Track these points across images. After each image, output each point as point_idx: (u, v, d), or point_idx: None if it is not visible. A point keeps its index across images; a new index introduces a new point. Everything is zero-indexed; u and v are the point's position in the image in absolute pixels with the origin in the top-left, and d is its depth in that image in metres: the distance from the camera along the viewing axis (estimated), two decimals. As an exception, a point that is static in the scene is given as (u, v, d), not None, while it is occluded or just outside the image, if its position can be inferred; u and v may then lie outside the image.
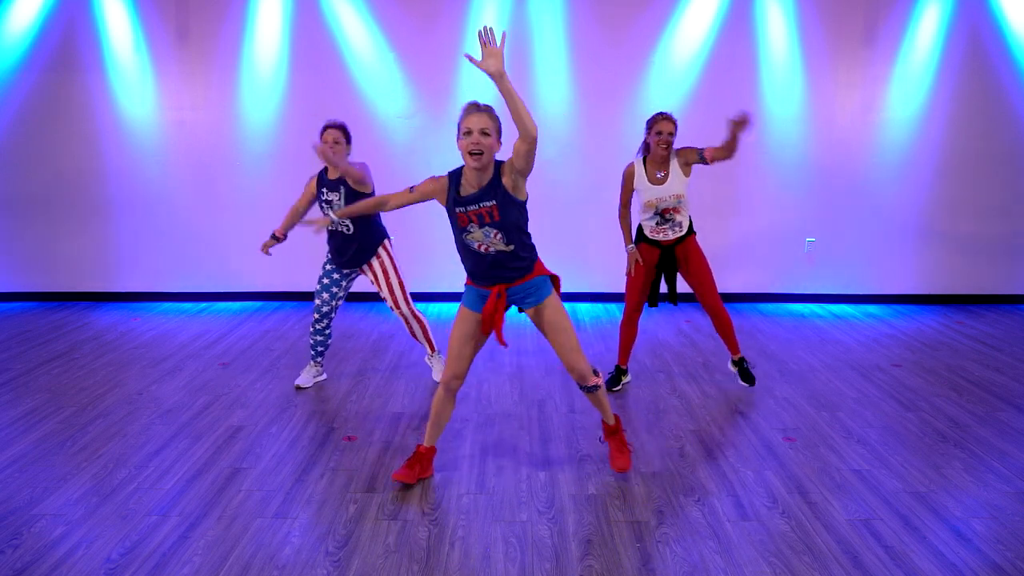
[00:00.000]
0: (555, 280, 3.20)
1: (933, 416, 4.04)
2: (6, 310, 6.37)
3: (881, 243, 6.56)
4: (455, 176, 3.03)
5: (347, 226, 4.21)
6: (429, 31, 6.23)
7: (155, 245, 6.58)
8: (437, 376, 4.51)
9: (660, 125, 4.13)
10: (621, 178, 4.29)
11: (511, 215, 2.96)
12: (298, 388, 4.41)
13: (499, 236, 2.98)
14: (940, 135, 6.39)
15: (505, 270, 3.05)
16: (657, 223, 4.23)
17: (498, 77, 2.71)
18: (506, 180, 2.94)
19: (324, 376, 4.59)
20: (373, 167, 6.25)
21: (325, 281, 4.35)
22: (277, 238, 4.38)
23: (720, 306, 4.29)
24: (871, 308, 6.51)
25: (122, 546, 2.75)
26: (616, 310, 6.34)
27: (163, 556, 2.69)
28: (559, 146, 6.38)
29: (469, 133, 2.87)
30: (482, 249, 3.01)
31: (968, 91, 6.30)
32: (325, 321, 4.40)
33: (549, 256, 7.02)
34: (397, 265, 4.37)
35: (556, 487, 3.23)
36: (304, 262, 6.61)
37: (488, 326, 3.11)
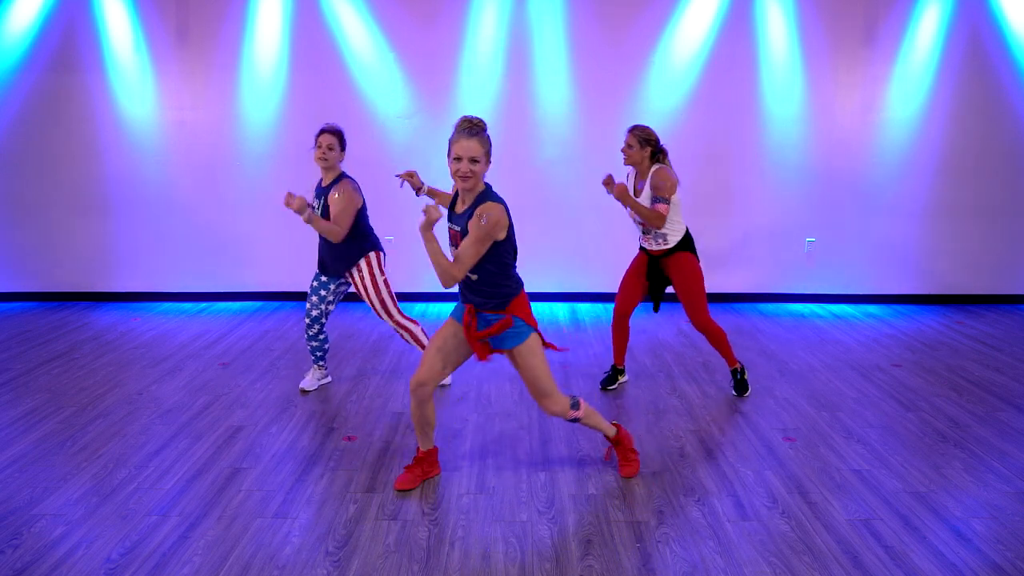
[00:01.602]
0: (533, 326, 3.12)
1: (933, 416, 4.04)
2: (6, 310, 6.37)
3: (881, 243, 6.56)
4: (456, 193, 3.09)
5: (341, 238, 4.16)
6: (429, 31, 6.23)
7: (155, 245, 6.58)
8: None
9: (626, 137, 4.08)
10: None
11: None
12: (303, 392, 4.40)
13: None
14: (940, 135, 6.39)
15: (472, 294, 3.05)
16: (642, 231, 4.19)
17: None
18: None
19: (329, 379, 4.57)
20: (373, 167, 6.28)
21: (314, 284, 4.32)
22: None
23: (708, 324, 4.16)
24: (871, 308, 6.51)
25: (122, 546, 2.75)
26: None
27: (163, 556, 2.69)
28: (559, 146, 6.38)
29: (459, 160, 2.87)
30: None
31: (968, 91, 6.30)
32: (316, 327, 4.33)
33: (550, 256, 7.03)
34: (379, 278, 4.26)
35: (556, 487, 3.23)
36: (304, 262, 6.61)
37: (469, 341, 3.09)
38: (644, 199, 4.07)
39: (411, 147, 6.39)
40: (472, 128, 2.87)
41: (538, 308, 6.43)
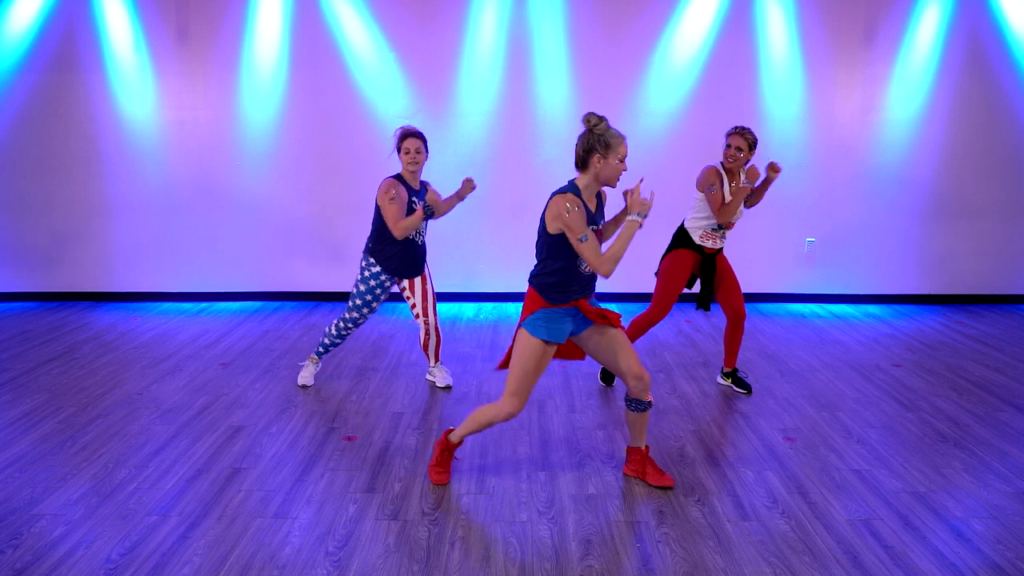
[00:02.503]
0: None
1: (933, 416, 4.04)
2: (6, 310, 6.37)
3: (881, 243, 6.56)
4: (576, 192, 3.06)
5: (420, 235, 4.20)
6: (429, 31, 6.23)
7: (155, 245, 6.58)
8: (441, 383, 4.46)
9: (731, 139, 4.08)
10: (711, 177, 4.08)
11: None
12: (303, 387, 4.40)
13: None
14: (940, 135, 6.39)
15: (591, 287, 3.16)
16: (714, 229, 4.18)
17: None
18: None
19: (320, 367, 4.61)
20: (373, 168, 6.28)
21: (377, 291, 4.22)
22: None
23: (744, 311, 4.28)
24: (871, 308, 6.51)
25: (122, 546, 2.75)
26: (618, 309, 6.34)
27: (163, 556, 2.69)
28: (559, 146, 6.37)
29: (622, 161, 3.08)
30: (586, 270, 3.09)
31: (968, 91, 6.31)
32: (355, 329, 4.39)
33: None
34: (433, 278, 4.41)
35: (556, 487, 3.23)
36: (304, 262, 6.62)
37: (605, 319, 3.12)
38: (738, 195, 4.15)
39: (411, 147, 6.38)
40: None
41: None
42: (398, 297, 6.56)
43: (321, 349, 4.44)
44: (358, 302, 4.25)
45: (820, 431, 3.83)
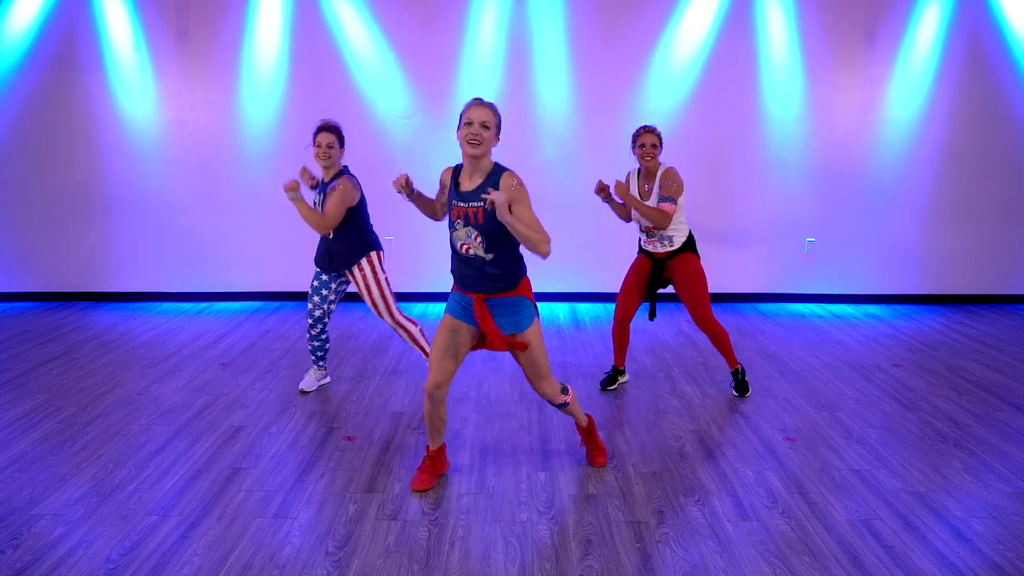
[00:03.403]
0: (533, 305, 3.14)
1: (933, 416, 4.04)
2: (6, 310, 6.37)
3: (881, 243, 6.56)
4: (456, 170, 3.06)
5: (327, 231, 4.15)
6: (429, 31, 6.23)
7: (155, 245, 6.58)
8: None
9: (643, 138, 4.02)
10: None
11: (496, 226, 2.92)
12: (303, 392, 4.39)
13: (479, 240, 2.95)
14: (940, 135, 6.39)
15: (482, 279, 2.99)
16: (647, 234, 4.17)
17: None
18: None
19: (328, 379, 4.56)
20: (373, 168, 6.28)
21: (315, 284, 4.31)
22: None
23: (712, 325, 4.15)
24: (871, 308, 6.51)
25: (122, 546, 2.75)
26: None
27: (163, 556, 2.69)
28: (559, 146, 6.38)
29: (470, 124, 2.89)
30: (463, 249, 2.99)
31: (968, 91, 6.30)
32: (319, 326, 4.32)
33: (550, 256, 7.00)
34: (380, 277, 4.25)
35: (556, 487, 3.23)
36: (304, 262, 6.61)
37: (488, 336, 3.06)
38: (653, 199, 4.05)
39: (411, 147, 6.39)
40: (484, 101, 2.94)
41: (539, 309, 6.43)
42: (398, 297, 6.56)
43: (313, 357, 4.45)
44: (310, 291, 4.33)
45: (820, 431, 3.83)
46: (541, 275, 6.55)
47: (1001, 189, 6.47)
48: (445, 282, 6.48)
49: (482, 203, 2.91)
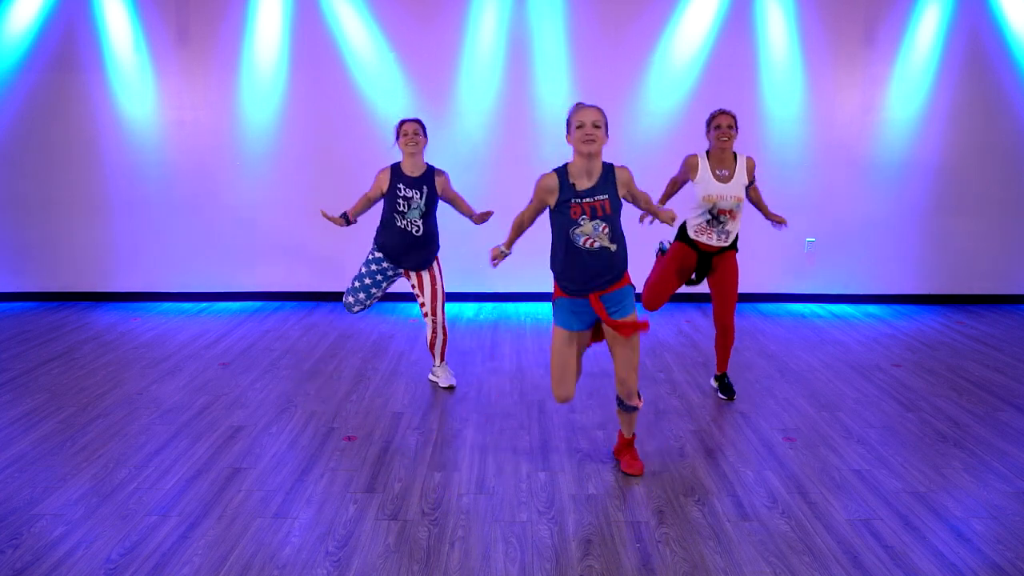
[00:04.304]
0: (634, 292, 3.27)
1: (933, 416, 4.04)
2: (6, 310, 6.37)
3: (881, 243, 6.56)
4: (562, 173, 3.12)
5: (417, 226, 4.18)
6: (429, 31, 6.23)
7: (155, 245, 6.58)
8: (444, 383, 4.46)
9: (719, 119, 4.02)
10: (680, 166, 4.14)
11: (617, 212, 3.10)
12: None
13: (607, 230, 3.06)
14: (940, 135, 6.39)
15: (603, 272, 3.09)
16: (707, 222, 4.08)
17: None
18: (619, 183, 3.12)
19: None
20: (374, 167, 6.25)
21: (367, 281, 4.28)
22: (348, 220, 4.28)
23: (732, 325, 4.20)
24: (871, 308, 6.51)
25: (122, 546, 2.75)
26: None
27: (163, 556, 2.69)
28: (559, 146, 6.35)
29: (582, 126, 3.05)
30: (587, 244, 3.06)
31: (968, 91, 6.30)
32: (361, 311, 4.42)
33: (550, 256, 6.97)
34: (443, 273, 4.41)
35: (556, 487, 3.23)
36: (304, 262, 6.62)
37: (614, 326, 3.13)
38: (738, 183, 4.07)
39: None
40: (586, 103, 3.15)
41: (539, 309, 6.44)
42: (397, 297, 6.56)
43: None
44: (356, 284, 4.30)
45: (820, 431, 3.83)
46: (541, 278, 6.55)
47: (1001, 189, 6.47)
48: (449, 282, 6.47)
49: (607, 195, 3.06)
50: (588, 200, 3.05)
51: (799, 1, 6.19)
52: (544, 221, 3.31)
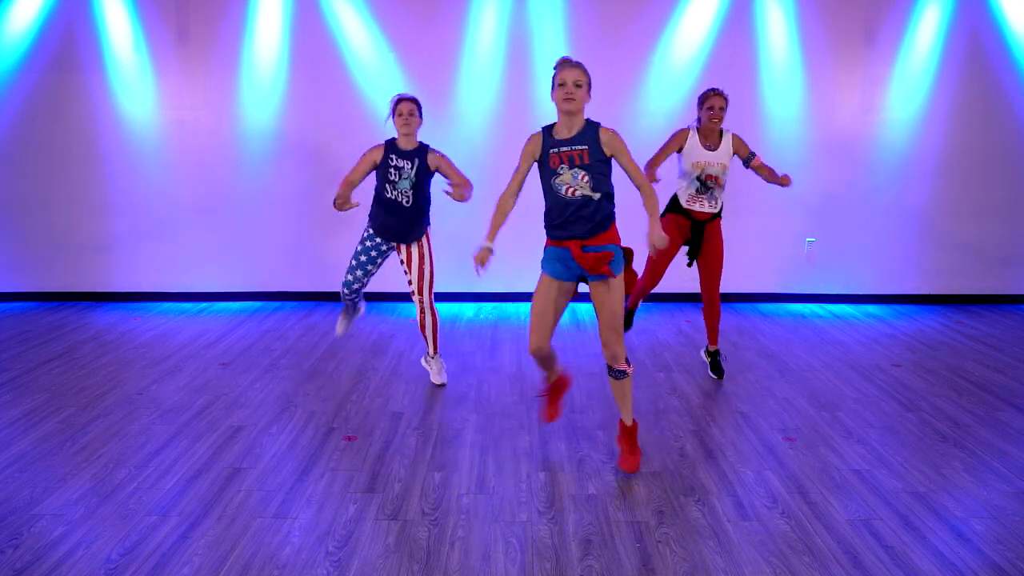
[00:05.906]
0: (628, 254, 3.31)
1: (933, 416, 4.04)
2: (6, 310, 6.37)
3: (881, 243, 6.56)
4: (547, 128, 3.22)
5: (408, 197, 4.17)
6: (429, 31, 6.23)
7: (155, 245, 6.58)
8: (435, 378, 4.48)
9: (712, 100, 4.24)
10: (668, 137, 4.37)
11: (599, 165, 3.14)
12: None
13: (586, 179, 3.11)
14: (940, 135, 6.39)
15: (584, 221, 3.14)
16: (697, 190, 4.33)
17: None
18: (603, 142, 3.15)
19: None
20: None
21: (362, 258, 4.34)
22: (351, 188, 4.23)
23: (718, 295, 4.45)
24: (871, 308, 6.51)
25: (122, 546, 2.75)
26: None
27: (163, 556, 2.69)
28: (559, 146, 6.37)
29: (563, 84, 3.09)
30: (568, 193, 3.13)
31: (968, 91, 6.31)
32: (355, 296, 4.48)
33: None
34: (434, 254, 4.39)
35: (556, 487, 3.23)
36: (304, 262, 6.62)
37: (591, 266, 3.15)
38: (723, 152, 4.31)
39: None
40: (573, 60, 3.15)
41: (538, 308, 6.43)
42: (397, 297, 6.56)
43: (345, 305, 4.58)
44: (352, 263, 4.36)
45: (820, 431, 3.83)
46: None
47: (1001, 189, 6.47)
48: (449, 282, 6.48)
49: (585, 145, 3.12)
50: (566, 149, 3.14)
51: (799, 1, 6.19)
52: (542, 222, 3.31)
